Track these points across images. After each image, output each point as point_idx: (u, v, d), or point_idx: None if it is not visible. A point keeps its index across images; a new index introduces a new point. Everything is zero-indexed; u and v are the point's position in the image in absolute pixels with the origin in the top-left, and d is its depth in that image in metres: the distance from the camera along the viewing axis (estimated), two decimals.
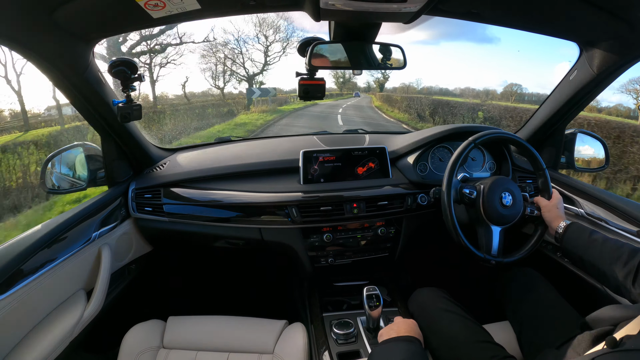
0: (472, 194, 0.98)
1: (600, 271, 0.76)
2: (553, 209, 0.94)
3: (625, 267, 0.70)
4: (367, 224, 1.14)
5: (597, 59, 0.94)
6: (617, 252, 0.74)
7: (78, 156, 1.08)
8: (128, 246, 1.15)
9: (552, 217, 0.93)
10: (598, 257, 0.77)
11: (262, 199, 1.08)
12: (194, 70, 31.66)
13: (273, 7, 0.79)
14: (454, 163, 0.97)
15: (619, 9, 0.73)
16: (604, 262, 0.76)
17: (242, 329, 0.97)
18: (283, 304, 1.42)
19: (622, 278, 0.70)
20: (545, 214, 0.95)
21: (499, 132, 1.03)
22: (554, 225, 0.92)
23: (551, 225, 0.93)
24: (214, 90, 16.70)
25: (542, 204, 0.97)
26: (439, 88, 30.51)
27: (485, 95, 19.04)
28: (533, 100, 19.79)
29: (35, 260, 0.78)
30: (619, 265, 0.72)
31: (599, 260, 0.77)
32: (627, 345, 0.45)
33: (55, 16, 0.68)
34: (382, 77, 28.50)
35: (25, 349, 0.74)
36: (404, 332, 0.74)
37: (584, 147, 1.28)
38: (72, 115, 8.52)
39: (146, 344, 0.92)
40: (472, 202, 0.98)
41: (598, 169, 1.28)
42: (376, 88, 30.30)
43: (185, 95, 15.78)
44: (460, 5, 0.77)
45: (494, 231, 0.96)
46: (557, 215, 0.93)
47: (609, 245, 0.77)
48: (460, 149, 0.98)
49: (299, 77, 0.89)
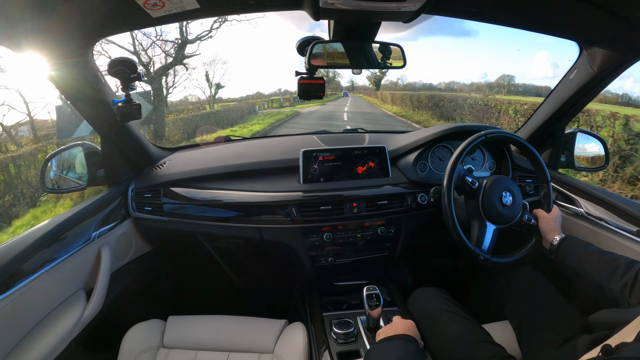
0: (474, 184, 0.99)
1: (597, 284, 0.78)
2: (550, 222, 0.96)
3: (622, 279, 0.72)
4: (367, 224, 1.14)
5: (597, 58, 0.93)
6: (613, 265, 0.75)
7: (78, 156, 1.08)
8: (128, 246, 1.15)
9: (549, 230, 0.95)
10: (594, 271, 0.79)
11: (262, 198, 1.08)
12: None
13: (273, 7, 0.79)
14: (461, 150, 0.97)
15: (619, 8, 0.73)
16: (600, 275, 0.77)
17: (242, 328, 0.97)
18: (283, 303, 1.42)
19: (619, 291, 0.72)
20: (543, 225, 0.97)
21: (509, 133, 1.04)
22: (549, 237, 0.93)
23: (546, 237, 0.95)
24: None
25: (540, 215, 0.98)
26: (423, 83, 30.06)
27: (489, 88, 18.85)
28: (527, 91, 19.81)
29: (35, 260, 0.78)
30: (615, 279, 0.73)
31: (595, 274, 0.79)
32: (621, 353, 0.45)
33: (55, 16, 0.67)
34: (379, 72, 26.78)
35: (25, 349, 0.74)
36: (401, 332, 0.74)
37: (583, 147, 1.28)
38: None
39: (146, 343, 0.92)
40: (472, 193, 0.98)
41: (598, 168, 1.28)
42: (372, 86, 29.41)
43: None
44: (460, 4, 0.77)
45: (488, 228, 0.97)
46: (553, 228, 0.94)
47: (604, 259, 0.78)
48: (471, 139, 0.99)
49: (298, 76, 0.89)
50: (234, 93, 23.52)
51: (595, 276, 0.78)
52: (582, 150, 1.27)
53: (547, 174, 1.01)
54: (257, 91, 28.44)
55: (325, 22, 0.87)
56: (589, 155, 1.29)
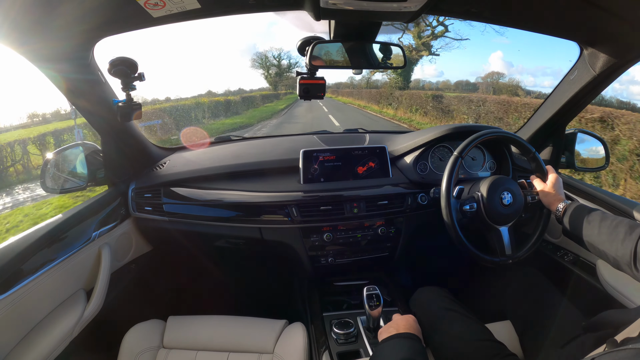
0: (473, 207, 0.98)
1: (600, 250, 0.77)
2: (550, 192, 0.94)
3: (623, 246, 0.71)
4: (367, 224, 1.13)
5: (597, 59, 0.94)
6: (613, 232, 0.74)
7: (78, 156, 1.08)
8: (128, 246, 1.15)
9: (550, 200, 0.93)
10: (596, 237, 0.77)
11: (262, 198, 1.08)
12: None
13: (273, 7, 0.79)
14: (447, 186, 0.96)
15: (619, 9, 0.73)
16: (602, 242, 0.76)
17: (242, 328, 0.97)
18: (283, 303, 1.42)
19: (621, 258, 0.71)
20: (543, 198, 0.96)
21: (507, 132, 1.04)
22: (552, 208, 0.92)
23: (550, 208, 0.94)
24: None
25: (539, 188, 0.97)
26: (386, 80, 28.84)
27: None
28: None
29: (35, 260, 0.78)
30: (616, 245, 0.72)
31: (597, 240, 0.77)
32: (626, 345, 0.45)
33: (55, 16, 0.67)
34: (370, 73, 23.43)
35: (26, 349, 0.73)
36: (404, 329, 0.74)
37: (583, 147, 1.28)
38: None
39: (146, 343, 0.92)
40: (474, 214, 0.98)
41: (598, 168, 1.28)
42: (362, 83, 25.55)
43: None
44: (460, 4, 0.77)
45: (503, 232, 0.97)
46: (554, 197, 0.93)
47: (605, 225, 0.77)
48: (450, 167, 0.97)
49: (299, 76, 0.89)
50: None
51: (597, 242, 0.77)
52: (582, 150, 1.27)
53: (528, 145, 1.00)
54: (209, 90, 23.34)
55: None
56: (589, 156, 1.29)
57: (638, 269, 0.67)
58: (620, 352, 0.40)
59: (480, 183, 1.01)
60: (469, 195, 1.02)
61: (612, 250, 0.73)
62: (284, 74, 26.07)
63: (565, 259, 1.12)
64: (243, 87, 25.81)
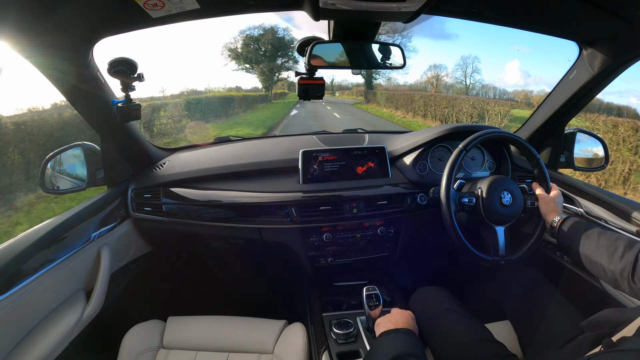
0: (472, 202, 0.98)
1: (597, 265, 0.76)
2: (550, 202, 0.94)
3: (622, 260, 0.70)
4: (366, 224, 1.14)
5: (596, 59, 0.94)
6: (612, 246, 0.73)
7: (77, 156, 1.08)
8: (128, 246, 1.15)
9: (548, 210, 0.93)
10: (594, 251, 0.77)
11: (262, 198, 1.08)
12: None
13: (272, 7, 0.79)
14: (448, 175, 0.96)
15: (618, 8, 0.73)
16: (600, 256, 0.75)
17: (242, 329, 0.97)
18: (283, 303, 1.42)
19: (619, 272, 0.70)
20: (542, 206, 0.95)
21: (506, 133, 1.04)
22: (548, 218, 0.91)
23: (546, 218, 0.93)
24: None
25: (539, 196, 0.97)
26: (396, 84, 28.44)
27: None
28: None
29: (35, 260, 0.78)
30: (615, 259, 0.71)
31: (595, 254, 0.76)
32: (622, 345, 0.45)
33: (55, 16, 0.67)
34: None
35: (26, 349, 0.73)
36: (402, 325, 0.75)
37: (583, 147, 1.28)
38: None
39: (146, 344, 0.92)
40: (472, 209, 0.98)
41: (597, 168, 1.28)
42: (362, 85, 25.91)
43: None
44: (460, 4, 0.77)
45: (499, 232, 0.97)
46: (552, 208, 0.93)
47: (604, 239, 0.76)
48: (453, 158, 0.98)
49: (298, 76, 0.89)
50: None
51: (595, 256, 0.76)
52: (581, 150, 1.27)
53: (533, 151, 0.99)
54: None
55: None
56: (588, 156, 1.29)
57: (636, 282, 0.67)
58: (616, 353, 0.40)
59: (482, 181, 1.01)
60: (469, 190, 1.02)
61: (611, 264, 0.72)
62: (284, 63, 17.48)
63: (565, 259, 1.12)
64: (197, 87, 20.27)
